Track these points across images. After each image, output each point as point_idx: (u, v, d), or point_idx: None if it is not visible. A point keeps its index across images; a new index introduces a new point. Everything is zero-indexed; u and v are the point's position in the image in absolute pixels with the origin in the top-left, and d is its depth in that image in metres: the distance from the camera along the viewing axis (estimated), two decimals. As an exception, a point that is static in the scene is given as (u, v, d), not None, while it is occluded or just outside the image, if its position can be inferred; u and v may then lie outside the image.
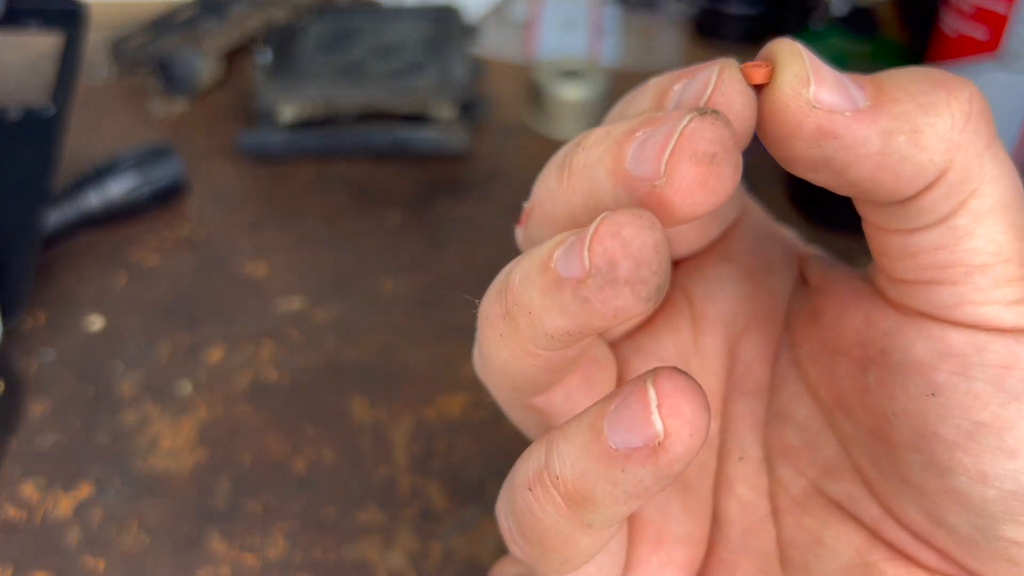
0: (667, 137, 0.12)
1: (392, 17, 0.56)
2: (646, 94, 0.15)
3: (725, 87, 0.13)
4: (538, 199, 0.15)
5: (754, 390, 0.17)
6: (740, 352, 0.18)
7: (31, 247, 0.37)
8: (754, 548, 0.17)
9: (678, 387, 0.12)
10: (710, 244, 0.18)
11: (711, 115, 0.12)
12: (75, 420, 0.36)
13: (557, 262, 0.12)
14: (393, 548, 0.31)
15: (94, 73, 0.56)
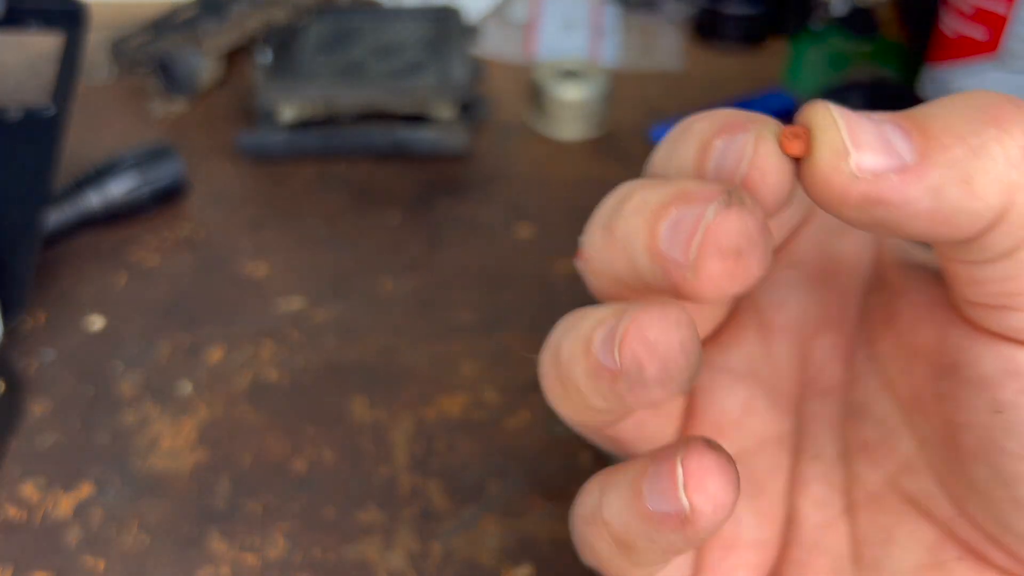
0: (695, 225, 0.12)
1: (392, 17, 0.56)
2: (690, 144, 0.14)
3: (759, 161, 0.13)
4: (587, 250, 0.16)
5: (828, 389, 0.17)
6: (812, 353, 0.18)
7: (31, 247, 0.37)
8: (827, 546, 0.17)
9: (705, 465, 0.13)
10: (775, 250, 0.18)
11: (737, 205, 0.12)
12: (75, 420, 0.36)
13: (596, 349, 0.13)
14: (393, 548, 0.31)
15: (94, 73, 0.56)
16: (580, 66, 0.53)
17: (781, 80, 0.57)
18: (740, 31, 0.59)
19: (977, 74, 0.45)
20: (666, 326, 0.12)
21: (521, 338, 0.39)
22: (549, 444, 0.35)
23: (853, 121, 0.12)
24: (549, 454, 0.35)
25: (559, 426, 0.36)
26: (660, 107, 0.55)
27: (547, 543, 0.32)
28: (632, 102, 0.55)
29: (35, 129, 0.40)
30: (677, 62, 0.59)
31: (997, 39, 0.44)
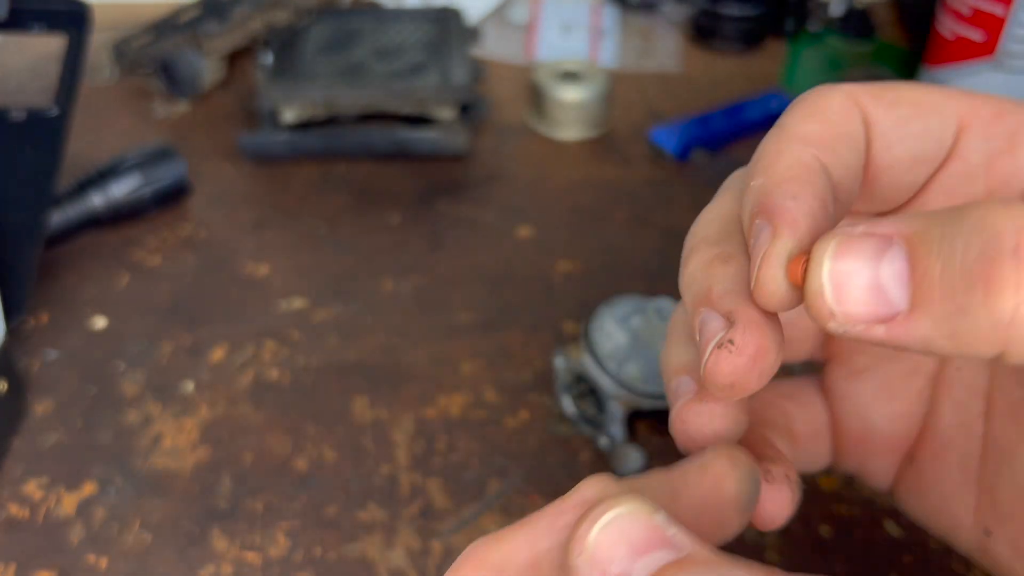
0: (704, 346, 0.15)
1: (393, 18, 0.56)
2: (746, 208, 0.16)
3: (762, 288, 0.14)
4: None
5: None
6: None
7: (34, 247, 0.37)
8: (959, 444, 0.18)
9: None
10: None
11: (727, 348, 0.14)
12: (77, 419, 0.36)
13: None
14: (394, 547, 0.32)
15: (96, 74, 0.56)
16: (580, 67, 0.53)
17: (779, 81, 0.58)
18: (738, 33, 0.60)
19: (975, 76, 0.45)
20: (700, 422, 0.16)
21: (521, 338, 0.40)
22: (549, 443, 0.35)
23: (844, 269, 0.13)
24: (549, 453, 0.35)
25: (559, 425, 0.36)
26: (659, 108, 0.55)
27: (547, 541, 0.32)
28: (631, 103, 0.56)
29: (38, 130, 0.40)
30: (676, 63, 0.60)
31: (995, 41, 0.44)
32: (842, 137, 0.15)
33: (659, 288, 0.42)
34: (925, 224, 0.12)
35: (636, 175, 0.50)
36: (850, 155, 0.15)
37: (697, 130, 0.51)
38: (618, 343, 0.34)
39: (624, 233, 0.46)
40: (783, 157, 0.15)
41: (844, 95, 0.16)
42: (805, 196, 0.14)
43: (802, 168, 0.15)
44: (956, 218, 0.12)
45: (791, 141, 0.15)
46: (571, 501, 0.14)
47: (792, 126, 0.15)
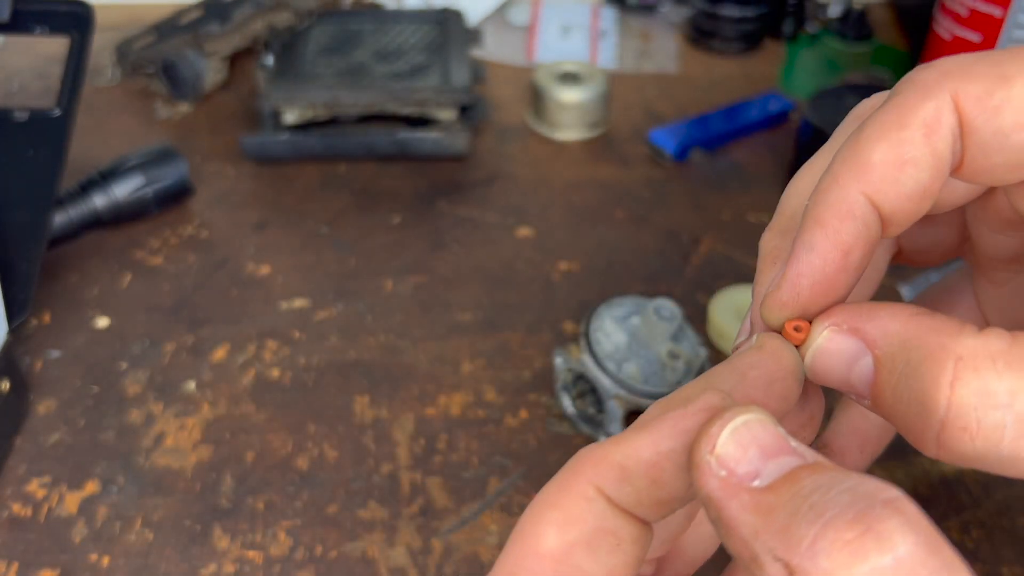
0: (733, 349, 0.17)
1: (394, 20, 0.56)
2: (761, 276, 0.18)
3: (758, 336, 0.16)
4: None
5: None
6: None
7: (37, 247, 0.38)
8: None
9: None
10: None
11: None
12: (80, 418, 0.36)
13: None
14: (395, 545, 0.32)
15: (99, 75, 0.56)
16: (579, 68, 0.53)
17: (777, 83, 0.58)
18: (737, 34, 0.60)
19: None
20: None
21: (521, 337, 0.40)
22: (549, 442, 0.35)
23: (822, 366, 0.16)
24: (549, 452, 0.35)
25: (559, 424, 0.36)
26: (658, 109, 0.55)
27: (547, 540, 0.32)
28: (630, 104, 0.56)
29: (41, 131, 0.40)
30: (674, 65, 0.60)
31: (993, 42, 0.44)
32: (915, 162, 0.15)
33: (658, 288, 0.42)
34: (891, 355, 0.14)
35: (635, 175, 0.50)
36: (921, 177, 0.15)
37: (696, 131, 0.51)
38: (617, 343, 0.35)
39: (623, 233, 0.46)
40: (831, 192, 0.15)
41: (941, 103, 0.15)
42: (823, 248, 0.15)
43: (841, 214, 0.15)
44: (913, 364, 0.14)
45: (849, 173, 0.15)
46: (693, 407, 0.14)
47: (863, 147, 0.15)
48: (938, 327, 0.14)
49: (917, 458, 0.35)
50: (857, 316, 0.15)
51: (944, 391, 0.13)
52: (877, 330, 0.15)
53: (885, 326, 0.15)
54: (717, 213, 0.47)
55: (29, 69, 0.58)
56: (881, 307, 0.15)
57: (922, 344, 0.14)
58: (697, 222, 0.46)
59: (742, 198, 0.48)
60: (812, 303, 0.16)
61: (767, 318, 0.16)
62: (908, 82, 0.15)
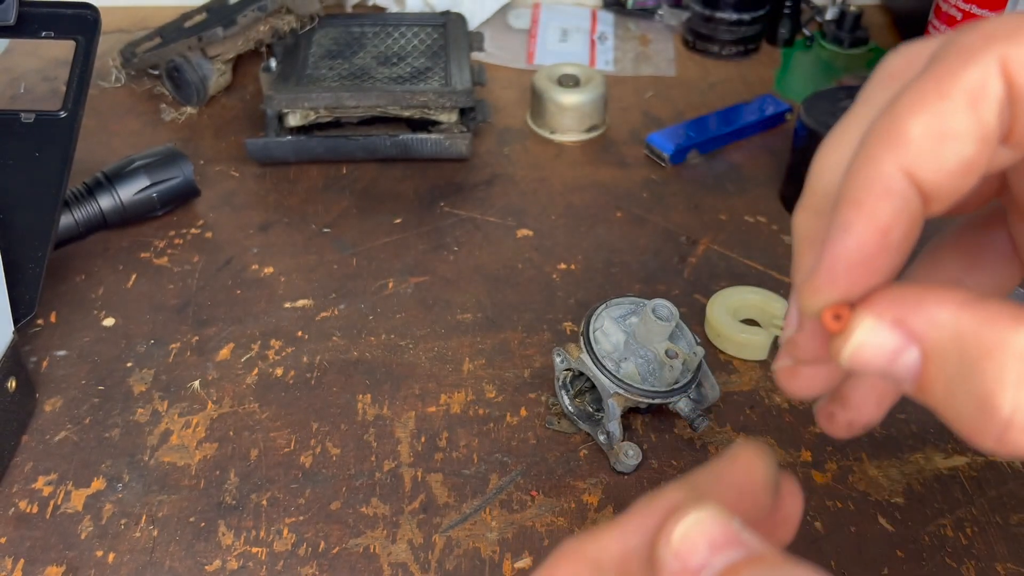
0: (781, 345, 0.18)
1: (396, 24, 0.57)
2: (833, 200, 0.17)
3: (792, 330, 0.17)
4: None
5: None
6: None
7: (44, 247, 0.38)
8: None
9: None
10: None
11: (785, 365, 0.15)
12: (86, 416, 0.36)
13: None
14: (397, 541, 0.32)
15: (104, 78, 0.57)
16: (578, 71, 0.54)
17: (773, 86, 0.58)
18: (733, 38, 0.60)
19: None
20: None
21: (521, 337, 0.40)
22: (548, 440, 0.36)
23: (864, 358, 0.15)
24: (548, 449, 0.35)
25: (558, 423, 0.37)
26: (655, 111, 0.56)
27: (546, 536, 0.32)
28: (628, 106, 0.56)
29: (48, 133, 0.40)
30: (672, 68, 0.60)
31: (986, 46, 0.45)
32: (959, 135, 0.14)
33: (656, 288, 0.43)
34: (942, 349, 0.14)
35: (633, 177, 0.50)
36: (965, 151, 0.14)
37: (693, 133, 0.52)
38: (616, 342, 0.35)
39: (622, 234, 0.46)
40: (867, 168, 0.14)
41: (987, 69, 0.13)
42: (860, 229, 0.14)
43: (877, 192, 0.14)
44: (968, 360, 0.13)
45: (886, 148, 0.14)
46: (656, 505, 0.15)
47: (901, 120, 0.14)
48: (993, 318, 0.13)
49: (911, 456, 0.35)
50: (902, 305, 0.14)
51: (1008, 393, 0.13)
52: (925, 322, 0.14)
53: (934, 317, 0.13)
54: (714, 214, 0.47)
55: (36, 72, 0.58)
56: (928, 294, 0.14)
57: (978, 339, 0.13)
58: (695, 223, 0.47)
59: (739, 199, 0.49)
60: (852, 288, 0.14)
61: (805, 307, 0.15)
62: (950, 45, 0.14)
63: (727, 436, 0.36)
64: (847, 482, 0.34)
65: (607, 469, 0.35)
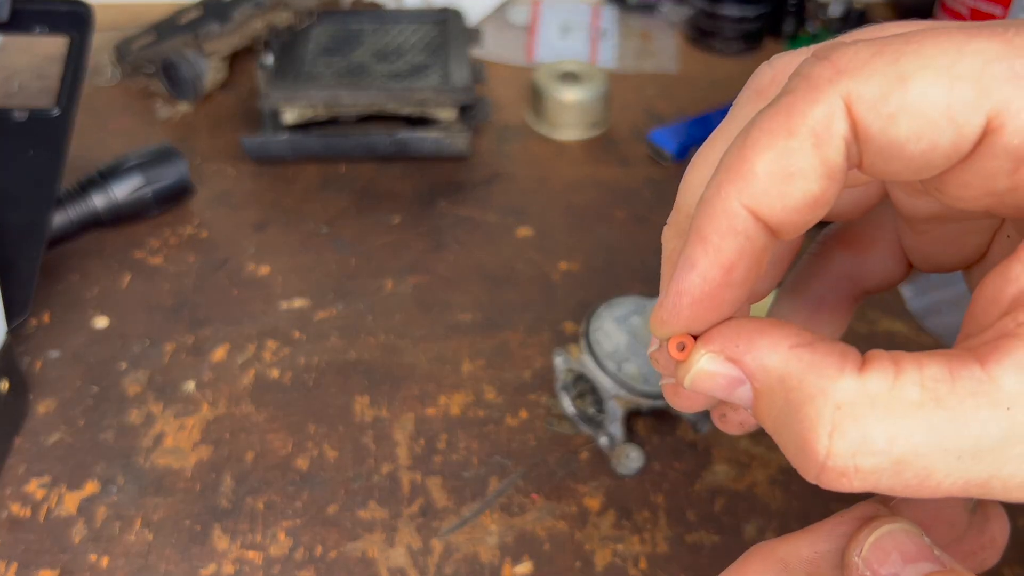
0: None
1: (393, 20, 0.56)
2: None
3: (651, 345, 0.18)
4: None
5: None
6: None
7: (37, 247, 0.38)
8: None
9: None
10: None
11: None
12: (79, 418, 0.36)
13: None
14: (395, 545, 0.32)
15: (98, 75, 0.56)
16: (579, 68, 0.53)
17: (779, 82, 0.58)
18: (737, 34, 0.60)
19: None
20: None
21: (521, 337, 0.40)
22: (549, 442, 0.35)
23: (703, 385, 0.16)
24: (549, 452, 0.35)
25: (559, 424, 0.36)
26: (657, 109, 0.55)
27: (547, 540, 0.32)
28: (630, 104, 0.56)
29: (41, 130, 0.40)
30: (674, 64, 0.60)
31: (993, 42, 0.44)
32: (803, 174, 0.14)
33: (658, 288, 0.42)
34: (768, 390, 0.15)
35: (635, 175, 0.50)
36: (810, 188, 0.14)
37: (695, 130, 0.51)
38: (617, 343, 0.34)
39: (623, 233, 0.46)
40: (714, 203, 0.14)
41: (832, 108, 0.13)
42: (703, 266, 0.15)
43: (722, 230, 0.14)
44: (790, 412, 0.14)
45: (732, 184, 0.14)
46: (850, 515, 0.16)
47: (747, 156, 0.14)
48: (818, 365, 0.14)
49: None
50: (735, 344, 0.15)
51: (823, 440, 0.13)
52: (755, 363, 0.15)
53: (763, 359, 0.14)
54: (717, 213, 0.47)
55: (28, 69, 0.58)
56: (763, 334, 0.15)
57: (801, 386, 0.14)
58: (697, 222, 0.46)
59: (742, 198, 0.48)
60: (694, 321, 0.15)
61: (654, 332, 0.16)
62: (799, 77, 0.14)
63: (730, 439, 0.35)
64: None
65: (608, 472, 0.34)
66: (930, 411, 0.13)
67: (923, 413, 0.13)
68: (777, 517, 0.33)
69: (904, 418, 0.13)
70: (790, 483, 0.34)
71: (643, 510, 0.33)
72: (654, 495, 0.33)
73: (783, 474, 0.34)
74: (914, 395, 0.13)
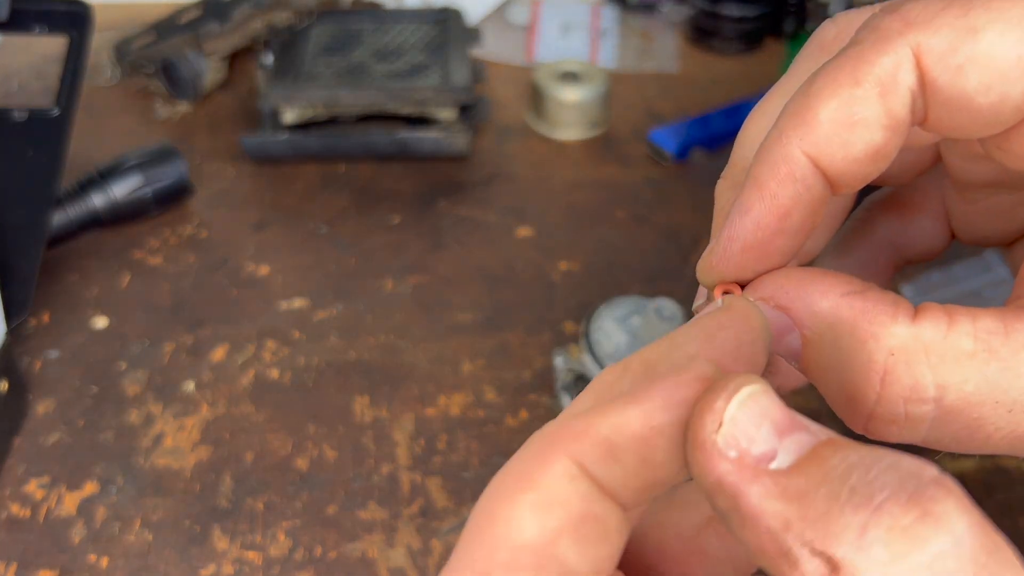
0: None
1: (393, 19, 0.56)
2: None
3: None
4: None
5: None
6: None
7: (36, 247, 0.38)
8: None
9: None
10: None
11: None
12: (79, 419, 0.36)
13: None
14: (394, 545, 0.32)
15: (98, 75, 0.56)
16: (579, 68, 0.53)
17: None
18: (737, 33, 0.60)
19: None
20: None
21: (521, 338, 0.40)
22: (549, 443, 0.35)
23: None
24: (549, 452, 0.35)
25: (559, 425, 0.36)
26: (658, 109, 0.55)
27: (547, 540, 0.32)
28: (630, 103, 0.56)
29: (40, 130, 0.40)
30: (675, 64, 0.60)
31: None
32: (867, 123, 0.14)
33: (659, 288, 0.42)
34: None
35: (635, 175, 0.50)
36: (872, 138, 0.14)
37: (696, 130, 0.51)
38: (618, 343, 0.34)
39: (624, 233, 0.46)
40: (773, 150, 0.14)
41: (900, 58, 0.13)
42: (758, 212, 0.14)
43: (780, 176, 0.14)
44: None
45: (793, 131, 0.14)
46: (688, 375, 0.12)
47: (811, 103, 0.14)
48: (870, 312, 0.13)
49: (918, 458, 0.35)
50: (786, 291, 0.14)
51: (874, 385, 0.13)
52: (805, 309, 0.14)
53: (814, 305, 0.14)
54: (717, 213, 0.47)
55: (28, 68, 0.58)
56: (814, 281, 0.14)
57: (853, 332, 0.13)
58: (697, 222, 0.46)
59: (742, 198, 0.48)
60: (744, 268, 0.15)
61: (700, 279, 0.15)
62: (868, 29, 0.14)
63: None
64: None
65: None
66: (983, 362, 0.13)
67: (976, 364, 0.13)
68: (777, 517, 0.33)
69: (957, 367, 0.13)
70: (790, 483, 0.34)
71: (643, 510, 0.33)
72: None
73: (783, 474, 0.34)
74: (967, 345, 0.13)
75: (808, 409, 0.36)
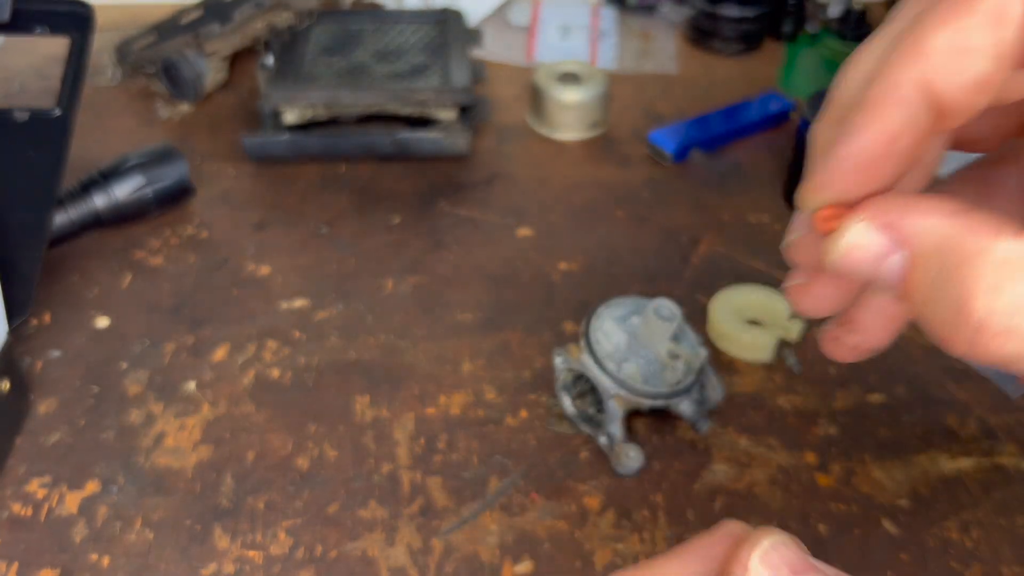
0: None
1: (394, 20, 0.56)
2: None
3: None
4: None
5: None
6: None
7: (38, 247, 0.38)
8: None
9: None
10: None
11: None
12: (80, 418, 0.36)
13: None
14: (395, 545, 0.32)
15: (99, 75, 0.56)
16: (579, 68, 0.54)
17: (777, 83, 0.58)
18: (737, 34, 0.60)
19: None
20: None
21: (521, 337, 0.40)
22: (549, 442, 0.35)
23: (853, 258, 0.15)
24: (549, 452, 0.35)
25: (558, 424, 0.36)
26: (657, 109, 0.55)
27: (547, 540, 0.32)
28: (630, 104, 0.56)
29: (42, 131, 0.40)
30: (674, 65, 0.60)
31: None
32: (978, 51, 0.14)
33: (658, 288, 0.42)
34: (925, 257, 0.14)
35: (635, 176, 0.50)
36: (982, 67, 0.14)
37: (695, 131, 0.51)
38: (617, 343, 0.35)
39: (623, 233, 0.46)
40: (887, 76, 0.15)
41: None
42: (870, 132, 0.15)
43: (892, 100, 0.15)
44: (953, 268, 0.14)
45: (906, 57, 0.14)
46: (718, 534, 0.15)
47: (925, 31, 0.14)
48: (976, 227, 0.14)
49: (916, 458, 0.35)
50: (894, 210, 0.15)
51: (983, 297, 0.13)
52: (914, 227, 0.14)
53: (923, 223, 0.14)
54: (717, 213, 0.47)
55: (30, 69, 0.58)
56: (920, 201, 0.15)
57: (960, 246, 0.14)
58: (697, 222, 0.46)
59: (742, 198, 0.48)
60: (852, 188, 0.15)
61: (804, 202, 0.16)
62: None
63: (730, 438, 0.36)
64: (851, 484, 0.34)
65: (608, 471, 0.34)
66: None
67: None
68: (776, 517, 0.33)
69: None
70: (789, 483, 0.34)
71: (643, 510, 0.33)
72: (654, 495, 0.33)
73: (783, 474, 0.34)
74: None
75: (809, 409, 0.36)
